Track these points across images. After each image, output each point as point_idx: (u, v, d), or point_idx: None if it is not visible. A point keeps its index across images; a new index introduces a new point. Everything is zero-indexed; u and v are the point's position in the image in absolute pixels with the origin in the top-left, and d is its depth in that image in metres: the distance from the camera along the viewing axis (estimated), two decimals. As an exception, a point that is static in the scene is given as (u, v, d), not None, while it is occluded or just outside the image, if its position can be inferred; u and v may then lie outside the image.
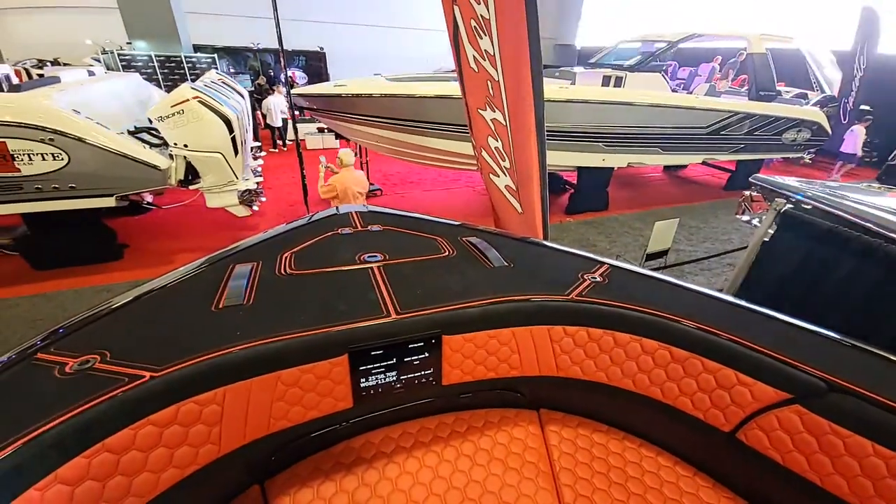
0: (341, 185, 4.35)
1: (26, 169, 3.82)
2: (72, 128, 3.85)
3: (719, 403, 1.17)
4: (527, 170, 2.99)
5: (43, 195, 4.02)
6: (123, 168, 4.10)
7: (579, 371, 1.39)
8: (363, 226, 1.81)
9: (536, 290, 1.41)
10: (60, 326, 1.06)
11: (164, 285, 1.29)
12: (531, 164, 2.95)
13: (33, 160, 3.81)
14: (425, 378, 1.29)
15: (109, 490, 0.81)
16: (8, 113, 3.64)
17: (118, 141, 4.11)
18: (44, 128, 3.74)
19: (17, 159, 3.77)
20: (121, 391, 0.86)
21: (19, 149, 3.74)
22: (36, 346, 0.98)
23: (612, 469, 1.36)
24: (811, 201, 2.36)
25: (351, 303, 1.25)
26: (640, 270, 1.58)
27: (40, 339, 1.01)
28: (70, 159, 3.92)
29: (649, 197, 8.18)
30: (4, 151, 3.70)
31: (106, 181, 4.14)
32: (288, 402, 1.10)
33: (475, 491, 1.28)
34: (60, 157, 3.89)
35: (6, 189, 3.88)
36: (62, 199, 4.12)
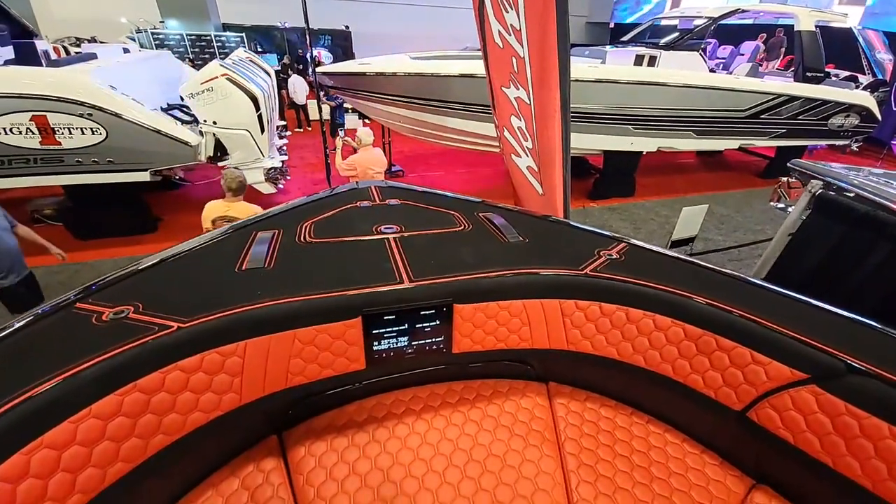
0: (361, 165, 4.38)
1: (67, 142, 4.02)
2: (109, 103, 4.01)
3: (731, 382, 1.15)
4: (549, 150, 2.93)
5: (83, 168, 4.23)
6: (157, 143, 4.26)
7: (590, 346, 1.39)
8: (381, 200, 1.84)
9: (550, 264, 1.42)
10: (97, 281, 1.15)
11: (192, 248, 1.37)
12: (554, 144, 2.88)
13: (73, 134, 4.01)
14: (436, 345, 1.33)
15: (140, 426, 0.89)
16: (48, 87, 3.82)
17: (153, 117, 4.26)
18: (83, 102, 3.92)
19: (58, 133, 3.97)
20: (152, 338, 0.93)
21: (60, 123, 3.93)
22: (75, 297, 1.06)
23: (618, 442, 1.37)
24: (854, 188, 2.23)
25: (366, 270, 1.30)
26: (659, 250, 1.55)
27: (79, 291, 1.09)
28: (108, 134, 4.10)
29: (679, 184, 7.88)
30: (46, 125, 3.90)
31: (141, 156, 4.32)
32: (304, 359, 1.16)
33: (480, 453, 1.33)
34: (99, 132, 4.07)
35: (49, 161, 4.10)
36: (100, 173, 4.34)
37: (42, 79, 3.88)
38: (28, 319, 0.96)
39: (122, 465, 0.86)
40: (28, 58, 4.45)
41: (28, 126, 3.91)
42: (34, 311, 0.99)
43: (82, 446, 0.80)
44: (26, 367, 0.82)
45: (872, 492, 0.92)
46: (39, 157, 4.09)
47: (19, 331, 0.92)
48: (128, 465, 0.87)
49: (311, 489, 1.18)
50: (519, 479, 1.27)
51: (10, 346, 0.89)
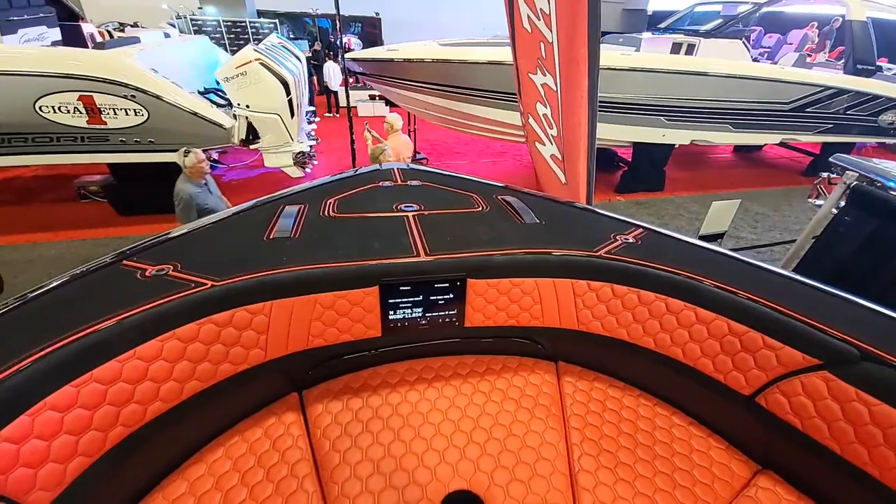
0: (395, 151, 4.43)
1: (111, 122, 4.25)
2: (152, 86, 4.20)
3: (742, 366, 1.15)
4: (574, 139, 2.89)
5: (126, 148, 4.47)
6: (194, 125, 4.44)
7: (600, 326, 1.41)
8: (403, 181, 1.90)
9: (565, 245, 1.44)
10: (140, 243, 1.27)
11: (224, 218, 1.48)
12: (579, 132, 2.84)
13: (118, 115, 4.22)
14: (449, 318, 1.39)
15: (177, 372, 0.99)
16: (95, 68, 4.03)
17: (191, 100, 4.44)
18: (127, 84, 4.12)
19: (104, 113, 4.19)
20: (189, 293, 1.04)
21: (105, 103, 4.15)
22: (123, 254, 1.19)
23: (624, 421, 1.39)
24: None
25: (385, 243, 1.37)
26: (678, 236, 1.54)
27: (125, 250, 1.22)
28: (149, 115, 4.30)
29: (713, 179, 7.57)
30: (93, 105, 4.13)
31: (179, 137, 4.51)
32: (324, 323, 1.25)
33: (486, 421, 1.38)
34: (141, 113, 4.28)
35: (95, 140, 4.35)
36: (142, 153, 4.56)
37: (89, 60, 4.09)
38: (80, 272, 1.06)
39: (161, 405, 0.96)
40: (74, 40, 4.69)
41: (76, 105, 4.14)
42: (85, 265, 1.10)
43: (127, 383, 0.90)
44: (79, 311, 0.92)
45: (879, 479, 0.92)
46: (87, 136, 4.33)
47: (72, 281, 1.04)
48: (166, 404, 0.97)
49: (327, 441, 1.27)
50: (523, 448, 1.32)
51: (65, 293, 1.00)
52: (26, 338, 0.83)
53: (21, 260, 4.33)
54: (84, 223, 5.07)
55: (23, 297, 0.97)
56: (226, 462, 1.13)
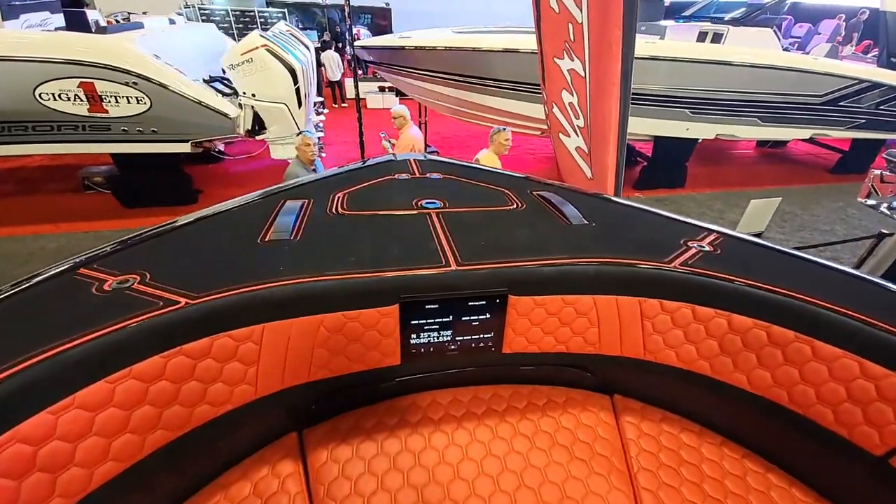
0: (408, 146, 4.21)
1: (114, 111, 4.09)
2: (154, 73, 4.04)
3: (877, 420, 0.89)
4: (603, 129, 2.66)
5: (128, 137, 4.31)
6: (198, 115, 4.28)
7: (674, 357, 1.15)
8: (422, 172, 1.67)
9: (628, 254, 1.16)
10: (110, 244, 1.05)
11: (213, 214, 1.25)
12: (609, 122, 2.60)
13: (119, 103, 4.07)
14: (484, 342, 1.14)
15: (136, 421, 0.76)
16: (94, 53, 3.87)
17: (195, 88, 4.27)
18: (129, 71, 3.95)
19: (106, 101, 4.03)
20: (153, 315, 0.80)
21: (107, 90, 3.99)
22: (80, 261, 0.96)
23: (707, 480, 1.12)
24: None
25: (406, 248, 1.12)
26: (768, 244, 1.26)
27: (88, 254, 0.99)
28: (152, 104, 4.14)
29: (735, 176, 7.24)
30: (93, 92, 3.97)
31: (183, 127, 4.35)
32: (330, 351, 1.01)
33: (533, 478, 1.12)
34: (143, 101, 4.12)
35: (97, 129, 4.20)
36: (145, 143, 4.41)
37: (88, 45, 3.93)
38: (27, 284, 0.86)
39: (113, 465, 0.75)
40: (78, 26, 4.54)
41: (76, 93, 3.99)
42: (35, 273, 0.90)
43: (63, 441, 0.68)
44: (8, 341, 0.71)
45: None
46: (88, 125, 4.19)
47: (11, 295, 0.83)
48: (120, 464, 0.76)
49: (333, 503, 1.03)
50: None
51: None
52: None
53: (23, 252, 4.21)
54: (88, 215, 4.94)
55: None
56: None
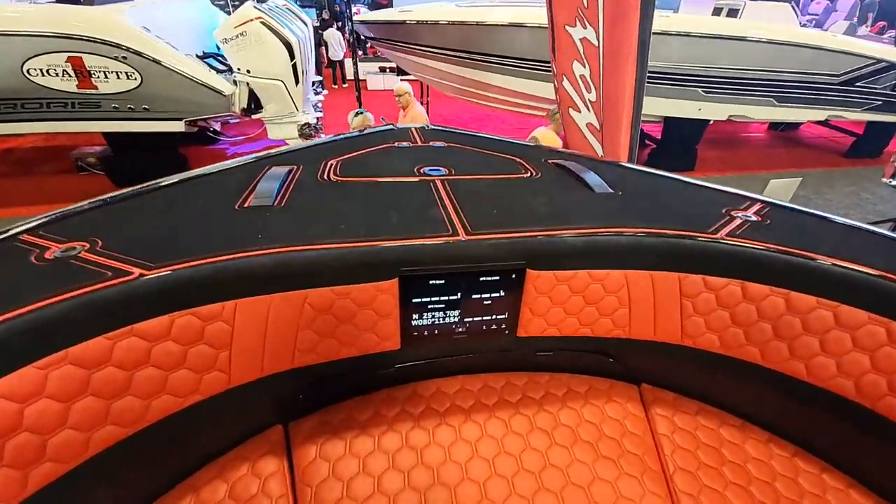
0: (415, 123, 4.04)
1: (103, 87, 3.94)
2: (144, 46, 3.86)
3: None
4: (617, 104, 2.50)
5: (119, 115, 4.16)
6: (191, 91, 4.11)
7: (716, 342, 1.00)
8: (424, 141, 1.52)
9: (665, 223, 1.01)
10: (60, 211, 0.90)
11: (188, 178, 1.10)
12: (623, 96, 2.45)
13: (109, 78, 3.91)
14: (496, 325, 1.01)
15: (77, 414, 0.64)
16: (82, 26, 3.70)
17: (187, 63, 4.09)
18: (118, 45, 3.78)
19: (94, 76, 3.87)
20: (98, 288, 0.66)
21: (95, 65, 3.83)
22: (27, 226, 0.83)
23: (754, 481, 0.99)
24: None
25: (407, 216, 0.98)
26: (818, 213, 1.11)
27: (37, 219, 0.86)
28: (143, 79, 3.98)
29: (746, 159, 7.04)
30: (82, 67, 3.81)
31: (176, 104, 4.19)
32: (318, 333, 0.88)
33: (555, 480, 0.99)
34: (134, 77, 3.95)
35: (86, 106, 4.05)
36: (137, 121, 4.26)
37: (76, 17, 3.76)
38: None
39: (52, 466, 0.63)
40: (69, 0, 4.35)
41: (65, 68, 3.84)
42: None
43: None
44: None
45: None
46: (77, 102, 4.04)
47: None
48: (61, 465, 0.64)
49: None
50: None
51: None
52: None
53: (15, 234, 4.12)
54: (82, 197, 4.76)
55: None
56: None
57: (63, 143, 5.87)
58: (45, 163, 5.70)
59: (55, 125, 4.18)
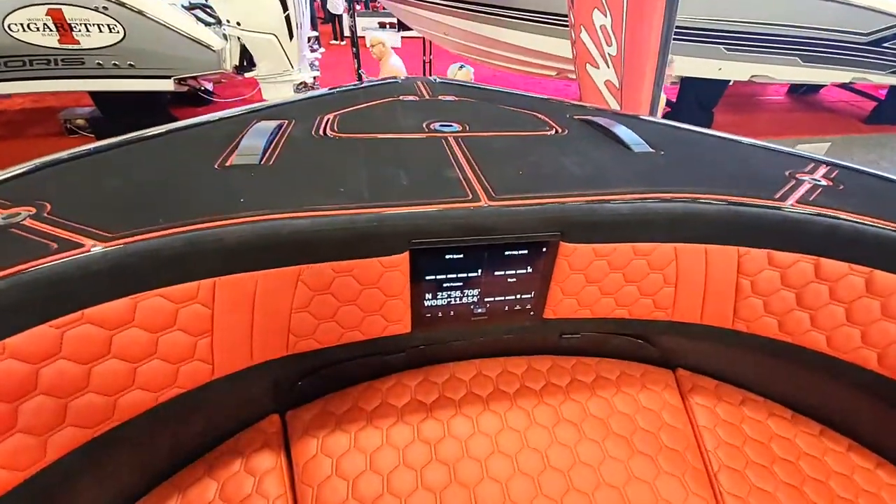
0: (395, 73, 3.77)
1: (85, 41, 3.71)
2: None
3: None
4: (640, 58, 2.30)
5: (104, 72, 3.95)
6: (178, 46, 3.88)
7: (775, 326, 0.88)
8: (433, 95, 1.37)
9: (721, 188, 0.88)
10: (14, 168, 0.77)
11: (157, 134, 0.95)
12: (647, 49, 2.24)
13: (91, 32, 3.68)
14: (520, 304, 0.89)
15: (26, 416, 0.54)
16: (59, -26, 3.43)
17: (170, 13, 3.84)
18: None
19: (76, 30, 3.65)
20: (40, 263, 0.54)
21: (76, 18, 3.60)
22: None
23: (808, 481, 0.90)
24: None
25: (417, 178, 0.85)
26: (886, 175, 0.98)
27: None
28: (125, 33, 3.74)
29: (762, 124, 6.76)
30: (62, 20, 3.58)
31: (162, 60, 3.96)
32: (315, 315, 0.77)
33: (586, 479, 0.89)
34: (116, 30, 3.72)
35: (70, 63, 3.84)
36: (123, 78, 4.04)
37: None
38: None
39: (6, 475, 0.53)
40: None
41: (45, 21, 3.62)
42: None
43: None
44: None
45: None
46: (60, 58, 3.82)
47: None
48: (15, 473, 0.54)
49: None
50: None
51: None
52: None
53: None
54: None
55: None
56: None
57: (51, 105, 5.64)
58: (34, 125, 5.48)
59: (40, 84, 3.98)
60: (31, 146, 4.93)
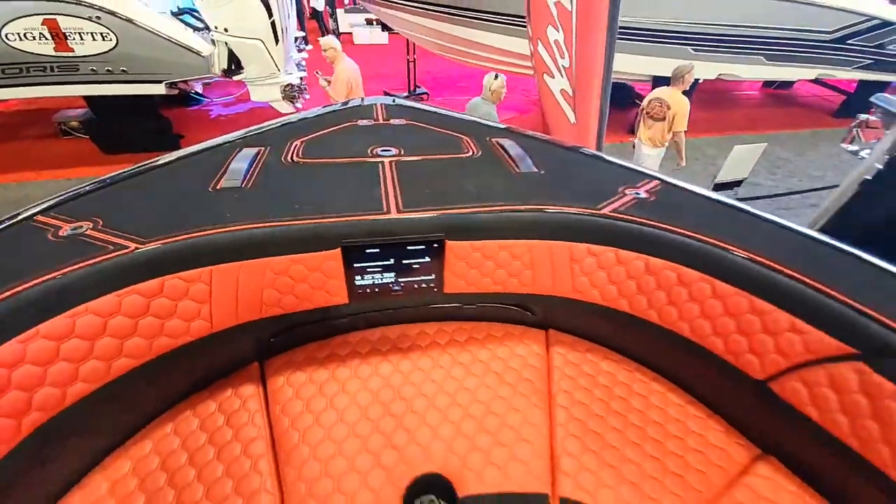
0: (343, 78, 3.84)
1: (80, 49, 3.88)
2: (117, 6, 3.79)
3: (758, 349, 1.01)
4: (588, 70, 2.56)
5: (98, 78, 4.13)
6: (169, 52, 4.07)
7: (598, 296, 1.26)
8: (385, 119, 1.68)
9: (563, 201, 1.26)
10: (65, 192, 1.11)
11: (168, 162, 1.30)
12: (595, 61, 2.51)
13: (84, 40, 3.85)
14: (426, 284, 1.25)
15: (99, 349, 0.87)
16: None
17: (161, 22, 4.02)
18: (91, 5, 3.72)
19: (70, 38, 3.82)
20: (104, 258, 0.89)
21: (70, 27, 3.77)
22: (38, 209, 1.03)
23: (616, 398, 1.28)
24: None
25: (352, 196, 1.20)
26: (701, 191, 1.33)
27: (45, 202, 1.06)
28: (118, 41, 3.92)
29: (734, 120, 7.02)
30: (57, 29, 3.75)
31: (154, 66, 4.15)
32: (279, 290, 1.11)
33: (464, 398, 1.27)
34: (109, 38, 3.89)
35: (65, 70, 4.01)
36: (116, 84, 4.22)
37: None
38: None
39: (83, 386, 0.86)
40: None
41: (41, 31, 3.79)
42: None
43: (34, 365, 0.78)
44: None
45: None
46: (56, 66, 4.00)
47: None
48: (89, 385, 0.87)
49: (287, 418, 1.17)
50: (502, 428, 1.21)
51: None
52: None
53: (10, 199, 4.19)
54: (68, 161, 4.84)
55: None
56: (173, 439, 1.05)
57: (44, 106, 5.79)
58: (30, 126, 5.64)
59: (36, 90, 4.15)
60: (30, 149, 5.12)
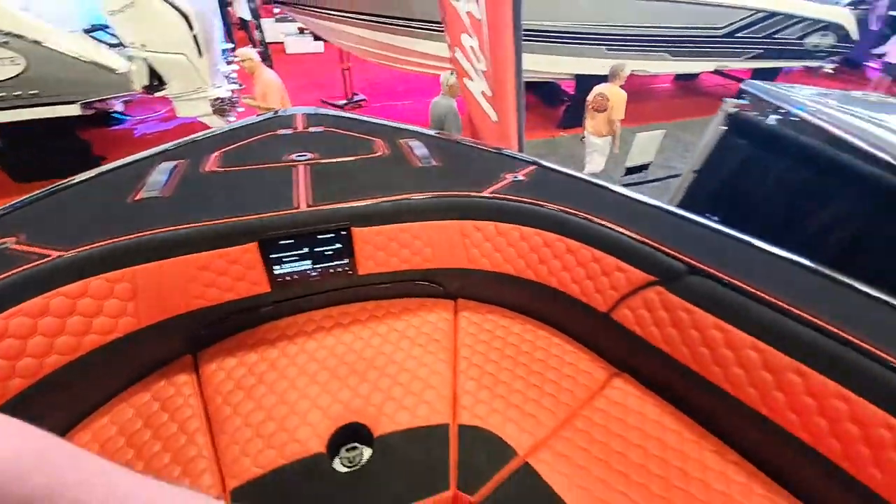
0: (266, 90, 3.85)
1: (-15, 75, 3.60)
2: (24, 29, 3.55)
3: (601, 287, 1.32)
4: (502, 72, 2.80)
5: (7, 104, 3.83)
6: (83, 71, 3.85)
7: (488, 263, 1.50)
8: (305, 127, 1.81)
9: (455, 188, 1.48)
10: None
11: (88, 178, 1.37)
12: (506, 65, 2.75)
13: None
14: (341, 268, 1.40)
15: (32, 347, 0.95)
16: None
17: (74, 42, 3.81)
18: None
19: (-26, 64, 3.53)
20: (29, 267, 0.99)
21: (-28, 52, 3.48)
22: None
23: (509, 345, 1.50)
24: (810, 115, 2.17)
25: (265, 197, 1.33)
26: (569, 171, 1.62)
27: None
28: (28, 64, 3.67)
29: (652, 110, 7.70)
30: (-42, 55, 3.45)
31: (66, 86, 3.91)
32: (203, 284, 1.22)
33: (381, 360, 1.42)
34: (17, 62, 3.64)
35: (-31, 98, 3.70)
36: (27, 108, 3.94)
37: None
38: None
39: (20, 381, 0.93)
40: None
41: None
42: None
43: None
44: None
45: (699, 373, 1.12)
46: (-42, 94, 3.67)
47: None
48: (25, 380, 0.94)
49: (219, 396, 1.27)
50: (413, 380, 1.37)
51: None
52: None
53: None
54: None
55: None
56: (110, 427, 1.11)
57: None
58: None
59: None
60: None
